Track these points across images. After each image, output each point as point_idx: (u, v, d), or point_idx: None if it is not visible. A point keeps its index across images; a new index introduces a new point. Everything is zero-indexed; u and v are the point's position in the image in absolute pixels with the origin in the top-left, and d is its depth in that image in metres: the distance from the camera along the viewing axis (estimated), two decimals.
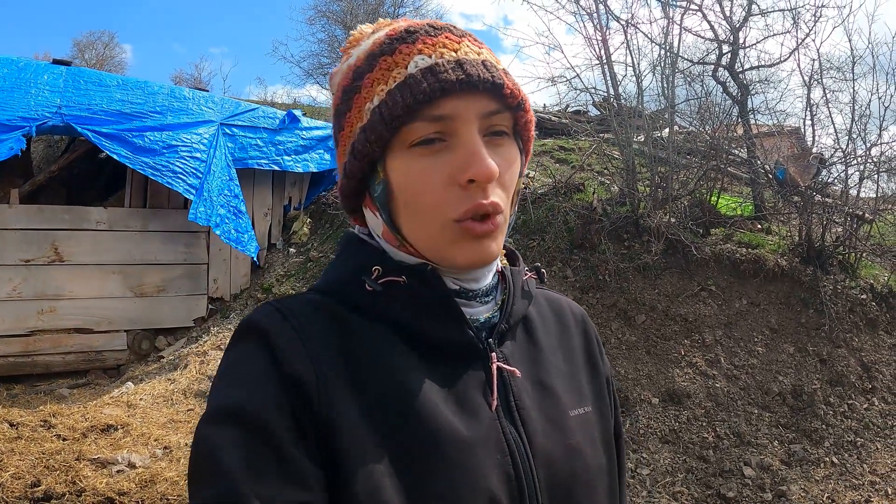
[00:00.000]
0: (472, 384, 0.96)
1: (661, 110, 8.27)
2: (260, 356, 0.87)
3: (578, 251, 6.99)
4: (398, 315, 0.95)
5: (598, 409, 1.10)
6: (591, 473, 1.01)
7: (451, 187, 0.91)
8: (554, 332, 1.14)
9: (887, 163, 7.62)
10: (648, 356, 6.13)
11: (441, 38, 0.93)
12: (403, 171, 0.92)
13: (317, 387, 0.86)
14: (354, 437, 0.85)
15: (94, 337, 7.19)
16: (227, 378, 0.89)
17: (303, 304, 0.95)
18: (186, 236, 7.69)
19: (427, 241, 0.95)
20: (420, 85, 0.88)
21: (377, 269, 0.96)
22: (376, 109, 0.91)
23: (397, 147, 0.92)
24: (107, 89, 7.04)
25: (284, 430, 0.82)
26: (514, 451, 0.93)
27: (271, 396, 0.84)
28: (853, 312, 6.72)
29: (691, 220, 7.17)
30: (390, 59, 0.92)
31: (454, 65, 0.90)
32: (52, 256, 6.99)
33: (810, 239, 7.00)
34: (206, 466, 0.80)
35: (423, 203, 0.92)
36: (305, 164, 8.38)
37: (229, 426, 0.82)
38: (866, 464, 5.47)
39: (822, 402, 5.93)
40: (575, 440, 1.01)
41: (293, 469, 0.81)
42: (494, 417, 0.94)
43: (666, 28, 7.88)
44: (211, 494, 0.77)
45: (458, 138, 0.90)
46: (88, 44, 27.13)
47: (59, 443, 5.15)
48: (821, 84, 7.61)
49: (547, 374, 1.05)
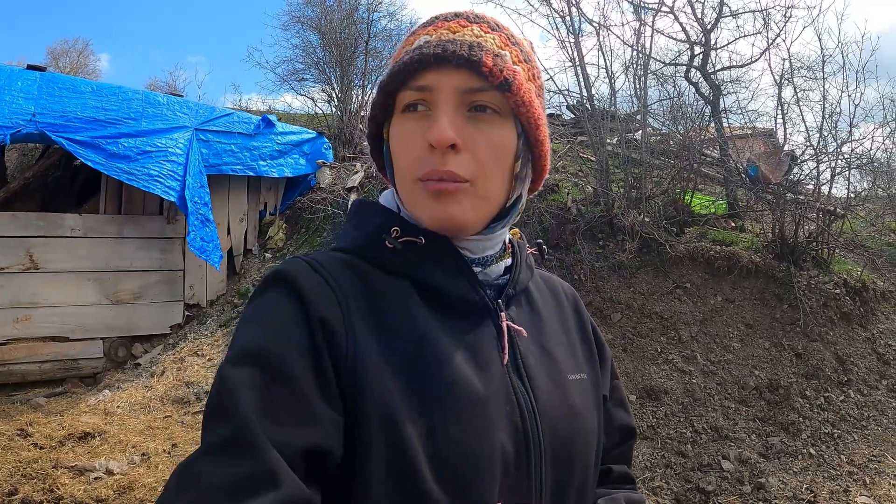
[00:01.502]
0: (484, 339, 1.01)
1: (634, 112, 8.33)
2: (287, 302, 0.91)
3: (554, 251, 7.02)
4: (417, 272, 1.01)
5: (592, 380, 1.16)
6: (588, 434, 1.08)
7: (423, 150, 0.98)
8: (551, 304, 1.21)
9: (858, 159, 7.71)
10: (625, 354, 6.17)
11: (452, 22, 1.02)
12: (395, 133, 1.02)
13: (344, 329, 0.90)
14: (378, 379, 0.89)
15: (70, 345, 7.12)
16: (252, 321, 0.92)
17: (329, 258, 1.00)
18: (162, 242, 7.65)
19: (405, 200, 1.04)
20: (405, 58, 0.98)
21: (396, 229, 1.03)
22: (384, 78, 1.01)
23: (396, 114, 1.02)
24: (81, 95, 6.99)
25: (305, 375, 0.85)
26: (522, 405, 0.99)
27: (295, 340, 0.87)
28: (827, 307, 6.79)
29: (665, 220, 7.22)
30: (409, 39, 1.04)
31: (437, 42, 0.97)
32: (27, 264, 6.93)
33: (783, 235, 7.07)
34: (223, 405, 0.82)
35: (401, 163, 1.02)
36: (281, 170, 8.37)
37: (249, 367, 0.84)
38: (843, 455, 5.52)
39: (799, 395, 5.98)
40: (574, 401, 1.07)
41: (309, 413, 0.83)
42: (504, 372, 1.00)
43: (638, 30, 7.95)
44: (224, 432, 0.79)
45: (435, 108, 0.98)
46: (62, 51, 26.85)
47: (36, 451, 5.11)
48: (791, 83, 7.70)
49: (547, 340, 1.12)
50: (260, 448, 0.77)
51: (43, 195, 8.63)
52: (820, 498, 5.00)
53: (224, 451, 0.77)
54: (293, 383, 0.84)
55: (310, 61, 13.29)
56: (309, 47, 13.34)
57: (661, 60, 8.61)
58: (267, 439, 0.77)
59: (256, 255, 8.53)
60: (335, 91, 12.49)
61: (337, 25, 12.76)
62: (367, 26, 13.00)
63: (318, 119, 12.38)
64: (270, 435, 0.78)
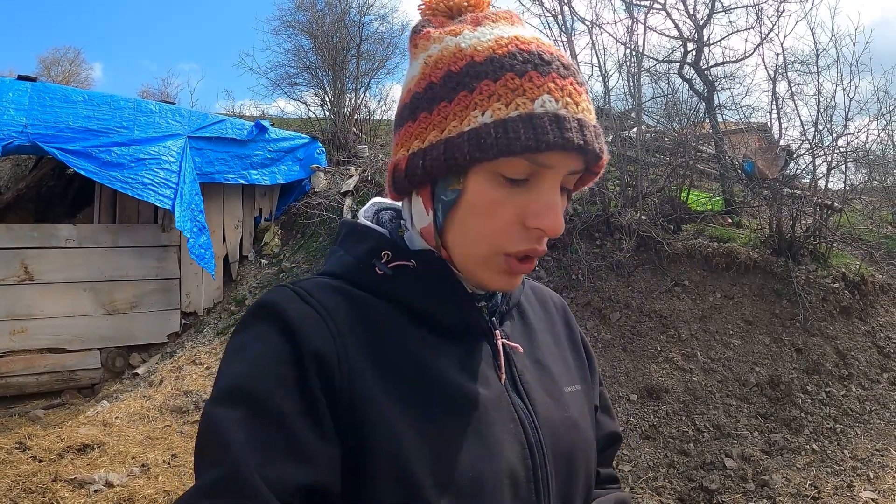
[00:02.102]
0: (481, 359, 1.00)
1: (628, 110, 8.32)
2: (274, 335, 0.87)
3: (551, 251, 7.01)
4: (408, 296, 0.98)
5: (585, 390, 1.17)
6: (586, 444, 1.09)
7: (515, 224, 0.93)
8: (541, 316, 1.20)
9: (854, 153, 7.71)
10: (625, 353, 6.15)
11: (568, 82, 0.91)
12: (482, 193, 0.92)
13: (338, 362, 0.87)
14: (379, 410, 0.86)
15: (67, 356, 7.09)
16: (237, 357, 0.88)
17: (317, 286, 0.97)
18: (157, 251, 7.62)
19: (467, 259, 0.97)
20: (545, 135, 0.87)
21: (387, 253, 1.00)
22: (490, 128, 0.88)
23: (486, 167, 0.91)
24: (73, 105, 6.95)
25: (296, 412, 0.82)
26: (524, 421, 0.98)
27: (284, 376, 0.84)
28: (826, 301, 6.78)
29: (662, 217, 7.21)
30: (517, 82, 0.89)
31: (576, 125, 0.89)
32: (22, 275, 6.89)
33: (781, 230, 7.06)
34: (212, 447, 0.80)
35: (485, 228, 0.94)
36: (273, 177, 8.35)
37: (237, 407, 0.81)
38: (847, 450, 5.51)
39: (800, 390, 5.97)
40: (571, 413, 1.07)
41: (303, 449, 0.81)
42: (503, 390, 0.99)
43: (630, 27, 7.95)
44: (216, 475, 0.77)
45: (541, 185, 0.92)
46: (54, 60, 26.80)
47: (35, 464, 5.08)
48: (786, 78, 7.71)
49: (541, 353, 1.11)
50: (253, 490, 0.75)
51: (36, 206, 8.60)
52: (824, 494, 4.98)
53: (218, 494, 0.75)
54: (284, 421, 0.81)
55: (302, 65, 13.29)
56: (301, 51, 13.35)
57: (654, 58, 8.62)
58: (260, 480, 0.76)
59: (252, 261, 8.50)
60: (328, 95, 12.48)
61: (328, 29, 12.75)
62: (359, 29, 12.98)
63: (312, 123, 12.38)
64: (263, 475, 0.76)
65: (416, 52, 1.00)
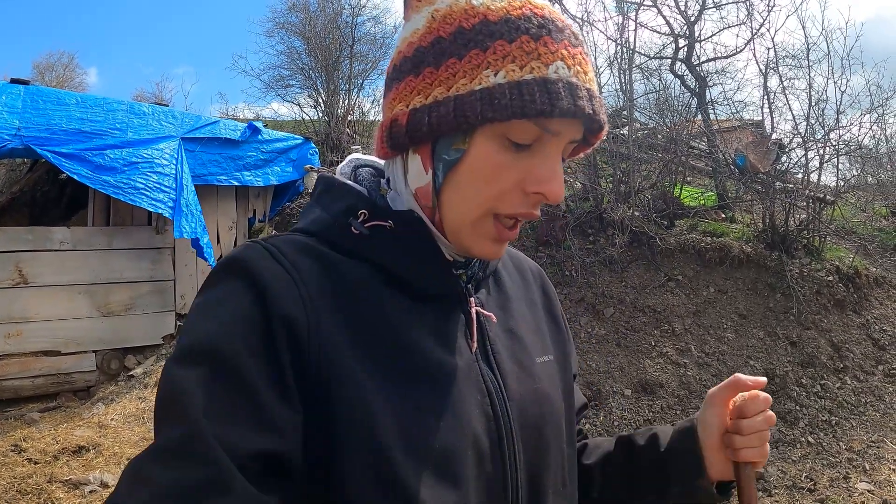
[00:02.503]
0: (454, 326, 0.98)
1: (620, 107, 8.34)
2: (244, 295, 0.85)
3: (544, 248, 7.02)
4: (383, 258, 0.95)
5: (559, 360, 1.15)
6: (556, 417, 1.06)
7: (516, 188, 0.92)
8: (518, 284, 1.18)
9: (846, 146, 7.73)
10: (619, 348, 6.16)
11: (578, 51, 0.91)
12: (487, 154, 0.91)
13: (307, 327, 0.84)
14: (347, 377, 0.85)
15: (62, 359, 7.07)
16: (204, 315, 0.86)
17: (290, 244, 0.93)
18: (152, 253, 7.61)
19: (458, 222, 0.96)
20: (559, 100, 0.86)
21: (363, 212, 0.97)
22: (505, 89, 0.86)
23: (494, 129, 0.90)
24: (66, 108, 6.94)
25: (261, 375, 0.80)
26: (492, 393, 0.97)
27: (251, 338, 0.82)
28: (820, 294, 6.80)
29: (655, 213, 7.22)
30: (532, 45, 0.88)
31: (587, 94, 0.89)
32: (17, 279, 6.88)
33: (774, 224, 7.08)
34: (172, 407, 0.78)
35: (485, 190, 0.92)
36: (266, 178, 8.34)
37: (201, 366, 0.79)
38: (842, 442, 5.52)
39: (795, 383, 5.98)
40: (542, 385, 1.05)
41: (264, 414, 0.79)
42: (474, 360, 0.98)
43: (621, 25, 7.96)
44: (174, 435, 0.75)
45: (545, 151, 0.91)
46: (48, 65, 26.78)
47: (31, 466, 5.08)
48: (777, 72, 7.73)
49: (515, 323, 1.09)
50: (211, 452, 0.73)
51: (31, 209, 8.59)
52: (820, 486, 4.99)
53: (175, 455, 0.74)
54: (247, 385, 0.79)
55: (295, 67, 13.30)
56: (294, 53, 13.36)
57: (645, 54, 8.64)
58: (217, 443, 0.74)
59: None
60: (321, 96, 12.49)
61: (321, 31, 12.74)
62: (352, 30, 13.00)
63: (306, 125, 12.39)
64: (221, 438, 0.74)
65: (418, 5, 0.97)
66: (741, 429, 1.08)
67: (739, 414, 1.09)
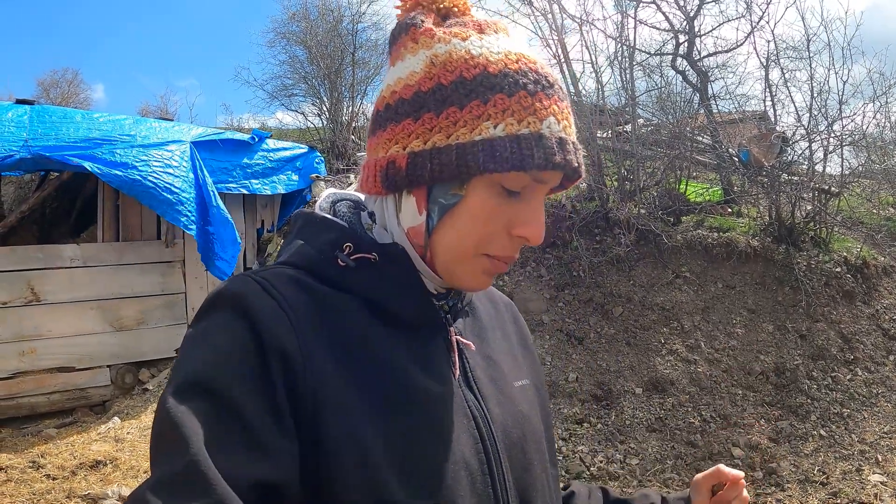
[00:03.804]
0: (436, 355, 1.02)
1: (623, 105, 8.34)
2: (237, 327, 0.87)
3: (551, 249, 7.03)
4: (368, 289, 0.98)
5: (535, 385, 1.20)
6: (537, 437, 1.12)
7: (503, 231, 0.98)
8: (492, 314, 1.23)
9: (850, 136, 7.71)
10: (628, 347, 6.17)
11: (565, 105, 0.98)
12: (482, 201, 0.96)
13: (302, 358, 0.87)
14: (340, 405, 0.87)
15: (77, 375, 7.13)
16: (198, 347, 0.88)
17: (279, 277, 0.96)
18: (162, 267, 7.66)
19: (452, 259, 1.00)
20: (553, 155, 0.92)
21: (349, 245, 1.00)
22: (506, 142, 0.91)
23: (490, 177, 0.94)
24: (73, 122, 7.02)
25: (256, 406, 0.81)
26: (477, 416, 1.01)
27: (246, 369, 0.83)
28: (829, 286, 6.79)
29: (661, 210, 7.22)
30: (529, 101, 0.93)
31: (573, 148, 0.96)
32: (29, 297, 6.94)
33: (780, 217, 7.07)
34: (171, 439, 0.78)
35: (477, 233, 0.97)
36: (273, 187, 8.38)
37: (197, 398, 0.81)
38: (854, 434, 5.51)
39: (806, 377, 5.98)
40: (521, 407, 1.10)
41: (262, 445, 0.80)
42: (457, 385, 1.02)
43: (621, 22, 7.96)
44: (174, 468, 0.76)
45: (530, 198, 0.98)
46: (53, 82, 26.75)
47: (49, 482, 5.13)
48: (778, 65, 7.72)
49: (491, 349, 1.14)
50: (211, 483, 0.74)
51: (41, 227, 8.65)
52: (832, 479, 4.99)
53: (177, 486, 0.75)
54: (244, 416, 0.81)
55: (298, 76, 13.35)
56: (296, 62, 13.41)
57: (646, 51, 8.62)
58: (218, 473, 0.75)
59: None
60: (325, 104, 12.53)
61: (322, 39, 12.77)
62: (353, 37, 13.04)
63: (310, 133, 12.43)
64: (221, 468, 0.76)
65: (415, 47, 0.99)
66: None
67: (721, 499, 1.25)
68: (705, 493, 1.25)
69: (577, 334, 6.29)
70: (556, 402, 5.68)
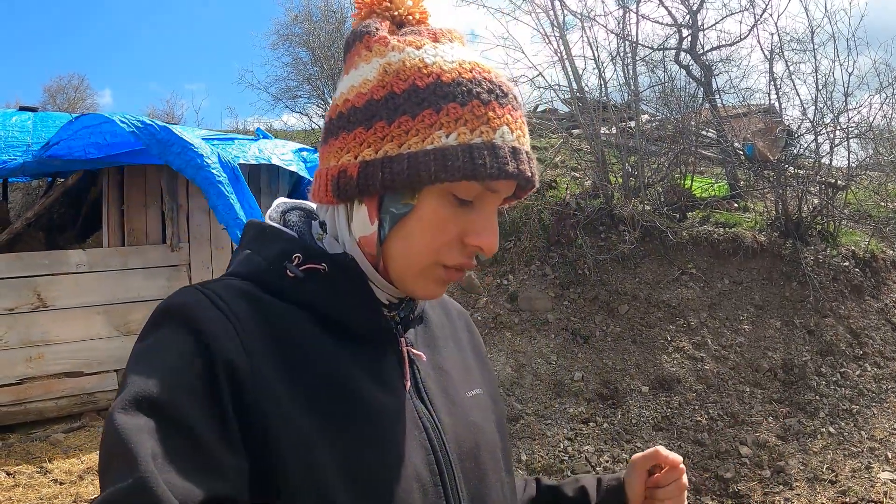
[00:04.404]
0: (387, 366, 1.01)
1: (627, 101, 8.30)
2: (184, 341, 0.86)
3: (555, 248, 7.00)
4: (317, 301, 0.97)
5: (490, 395, 1.20)
6: (491, 446, 1.11)
7: (456, 240, 0.97)
8: (444, 323, 1.23)
9: (856, 128, 7.66)
10: (634, 345, 6.14)
11: (518, 114, 0.97)
12: (434, 210, 0.95)
13: (250, 371, 0.86)
14: (287, 420, 0.86)
15: (84, 379, 7.14)
16: (145, 362, 0.86)
17: (227, 288, 0.95)
18: (168, 270, 7.67)
19: (406, 269, 0.99)
20: (506, 165, 0.92)
21: (298, 256, 0.98)
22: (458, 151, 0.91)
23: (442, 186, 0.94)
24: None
25: (204, 421, 0.81)
26: (428, 427, 1.00)
27: (194, 383, 0.82)
28: (837, 280, 6.74)
29: (666, 206, 7.19)
30: (482, 110, 0.93)
31: (526, 157, 0.95)
32: (36, 303, 6.96)
33: (787, 212, 7.02)
34: (119, 457, 0.77)
35: (429, 242, 0.96)
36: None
37: (145, 414, 0.79)
38: (864, 430, 5.48)
39: (814, 373, 5.94)
40: (474, 417, 1.10)
41: (211, 460, 0.79)
42: (408, 397, 1.01)
43: (623, 18, 7.92)
44: (122, 486, 0.74)
45: (483, 207, 0.98)
46: (59, 88, 26.78)
47: (57, 487, 5.15)
48: (782, 57, 7.65)
49: (443, 359, 1.14)
50: (161, 499, 0.73)
51: (47, 233, 8.67)
52: (842, 477, 4.96)
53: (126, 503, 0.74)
54: (192, 431, 0.80)
55: (301, 77, 13.36)
56: (300, 64, 13.43)
57: (648, 46, 8.57)
58: (167, 490, 0.74)
59: None
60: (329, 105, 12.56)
61: (325, 40, 12.78)
62: None
63: (315, 134, 12.44)
64: (171, 485, 0.75)
65: (368, 55, 0.99)
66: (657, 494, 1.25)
67: (655, 483, 1.25)
68: (640, 473, 1.26)
69: (582, 333, 6.27)
70: (562, 401, 5.66)
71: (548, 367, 5.94)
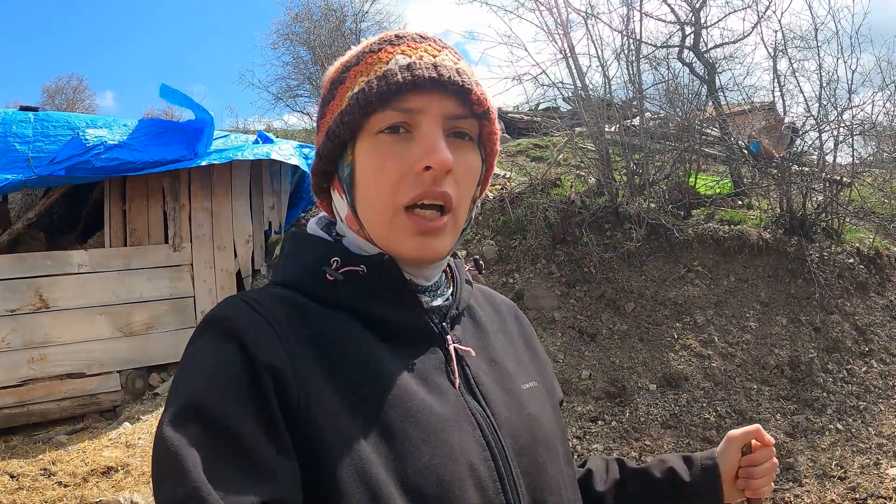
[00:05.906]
0: (433, 365, 1.01)
1: (630, 99, 8.29)
2: (227, 349, 0.87)
3: (561, 246, 6.99)
4: (358, 303, 0.99)
5: (544, 386, 1.19)
6: (550, 438, 1.10)
7: (406, 175, 0.97)
8: (492, 318, 1.22)
9: (860, 125, 7.65)
10: (642, 343, 6.12)
11: (424, 45, 1.01)
12: (368, 154, 0.99)
13: (293, 373, 0.87)
14: (334, 420, 0.87)
15: (87, 381, 7.12)
16: (190, 373, 0.88)
17: (268, 296, 0.97)
18: (169, 271, 7.64)
19: (379, 229, 1.01)
20: (395, 77, 0.95)
21: (336, 259, 1.01)
22: (354, 96, 0.98)
23: (367, 133, 0.99)
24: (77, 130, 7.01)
25: (253, 427, 0.82)
26: (482, 423, 0.99)
27: (239, 390, 0.84)
28: (842, 277, 6.73)
29: (671, 204, 7.18)
30: (375, 56, 1.00)
31: (429, 65, 0.97)
32: (37, 304, 6.93)
33: (792, 209, 7.02)
34: (170, 468, 0.78)
35: (378, 187, 0.98)
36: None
37: (193, 425, 0.81)
38: (871, 427, 5.46)
39: (821, 370, 5.93)
40: (531, 410, 1.09)
41: (260, 466, 0.80)
42: (458, 394, 1.00)
43: (626, 16, 7.91)
44: (175, 497, 0.76)
45: (420, 131, 0.97)
46: (57, 89, 26.88)
47: (61, 489, 5.12)
48: (786, 55, 7.65)
49: (495, 353, 1.13)
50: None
51: (48, 234, 8.65)
52: (850, 473, 4.94)
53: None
54: (241, 438, 0.80)
55: (302, 76, 13.36)
56: (300, 63, 13.43)
57: (652, 44, 8.55)
58: (219, 499, 0.75)
59: (265, 275, 8.52)
60: None
61: (325, 39, 12.77)
62: (356, 37, 13.03)
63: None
64: (223, 493, 0.75)
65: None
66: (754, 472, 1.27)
67: (751, 462, 1.27)
68: (736, 451, 1.28)
69: (589, 331, 6.25)
70: (570, 400, 5.64)
71: (555, 365, 5.92)
